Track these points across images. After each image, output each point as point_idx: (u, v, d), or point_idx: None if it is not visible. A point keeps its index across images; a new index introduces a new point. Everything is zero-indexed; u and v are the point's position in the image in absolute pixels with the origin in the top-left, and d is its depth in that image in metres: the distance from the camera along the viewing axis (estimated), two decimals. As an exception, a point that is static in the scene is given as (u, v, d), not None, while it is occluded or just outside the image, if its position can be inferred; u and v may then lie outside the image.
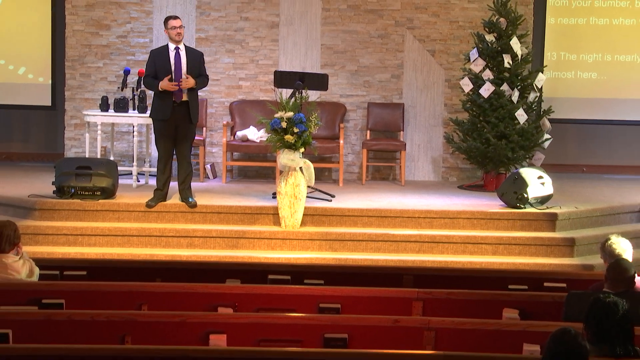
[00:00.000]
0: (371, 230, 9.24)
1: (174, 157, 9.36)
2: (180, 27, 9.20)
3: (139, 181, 10.36)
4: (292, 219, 9.11)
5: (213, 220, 9.31)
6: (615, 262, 5.79)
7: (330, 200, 9.70)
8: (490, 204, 9.70)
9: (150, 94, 9.75)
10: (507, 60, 10.45)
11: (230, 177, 11.15)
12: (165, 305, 5.99)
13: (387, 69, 11.40)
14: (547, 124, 10.69)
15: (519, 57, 10.54)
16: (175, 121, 9.16)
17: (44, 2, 11.72)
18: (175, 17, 9.30)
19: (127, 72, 10.37)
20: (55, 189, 9.43)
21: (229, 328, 5.45)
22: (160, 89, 9.06)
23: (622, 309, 4.75)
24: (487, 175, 10.68)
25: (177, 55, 9.20)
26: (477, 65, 10.56)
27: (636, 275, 5.84)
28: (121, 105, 10.19)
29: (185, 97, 9.15)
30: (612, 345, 4.74)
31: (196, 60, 9.29)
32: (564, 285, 6.72)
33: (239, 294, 6.13)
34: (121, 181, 9.85)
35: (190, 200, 9.32)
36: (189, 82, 9.09)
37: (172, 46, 9.21)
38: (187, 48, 9.32)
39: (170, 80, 9.03)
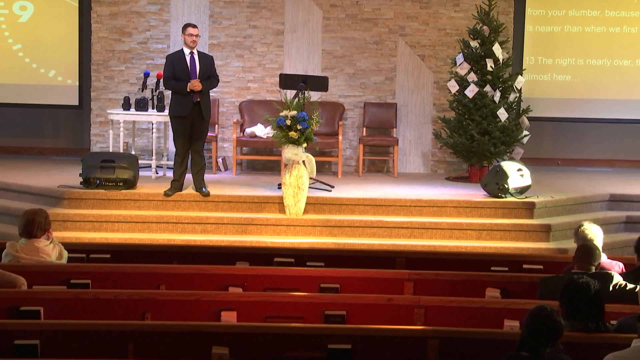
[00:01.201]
0: (367, 218, 9.23)
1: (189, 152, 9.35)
2: (196, 35, 9.18)
3: (157, 173, 10.35)
4: (296, 207, 9.10)
5: (224, 209, 9.30)
6: (581, 246, 5.78)
7: (330, 191, 9.69)
8: (475, 193, 9.68)
9: (167, 94, 9.72)
10: (489, 64, 10.43)
11: (239, 170, 11.14)
12: (181, 285, 5.98)
13: (381, 72, 11.37)
14: (526, 121, 10.67)
15: (501, 61, 10.51)
16: (192, 118, 9.15)
17: (72, 12, 11.69)
18: (194, 26, 9.25)
19: (146, 75, 10.36)
20: (82, 180, 9.42)
21: (238, 306, 5.44)
22: (188, 90, 9.04)
23: (594, 288, 4.74)
24: (472, 168, 10.66)
25: (192, 59, 9.18)
26: (463, 68, 10.53)
27: (604, 256, 5.84)
28: (141, 105, 10.17)
29: (198, 98, 9.13)
30: (584, 321, 4.74)
31: (207, 63, 9.27)
32: (541, 267, 6.71)
33: (248, 275, 6.12)
34: (141, 173, 9.85)
35: (203, 190, 9.31)
36: (198, 85, 9.07)
37: (187, 51, 9.19)
38: (199, 53, 9.30)
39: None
